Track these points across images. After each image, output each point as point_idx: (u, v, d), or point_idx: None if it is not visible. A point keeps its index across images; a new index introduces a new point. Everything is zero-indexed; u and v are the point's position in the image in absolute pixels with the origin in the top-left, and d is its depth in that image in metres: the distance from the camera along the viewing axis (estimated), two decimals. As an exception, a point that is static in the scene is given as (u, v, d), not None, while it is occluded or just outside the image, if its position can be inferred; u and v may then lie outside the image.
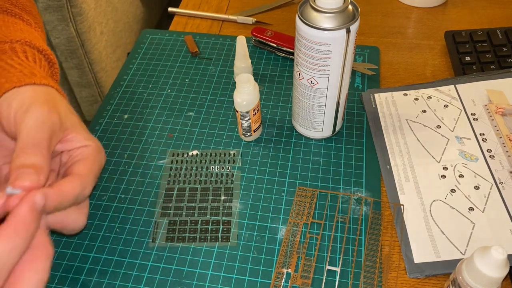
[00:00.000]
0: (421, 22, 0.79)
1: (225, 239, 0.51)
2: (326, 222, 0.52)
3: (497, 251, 0.36)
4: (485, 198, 0.52)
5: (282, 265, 0.48)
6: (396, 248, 0.50)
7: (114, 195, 0.55)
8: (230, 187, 0.55)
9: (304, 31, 0.49)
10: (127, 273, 0.48)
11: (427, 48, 0.74)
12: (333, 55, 0.50)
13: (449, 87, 0.64)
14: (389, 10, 0.82)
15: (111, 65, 1.45)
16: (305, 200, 0.54)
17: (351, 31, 0.49)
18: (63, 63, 1.35)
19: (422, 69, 0.70)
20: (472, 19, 0.79)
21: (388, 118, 0.61)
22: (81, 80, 1.39)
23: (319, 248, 0.50)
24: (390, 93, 0.64)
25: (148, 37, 0.76)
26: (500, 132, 0.57)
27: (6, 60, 0.45)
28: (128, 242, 0.51)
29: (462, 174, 0.54)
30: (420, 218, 0.51)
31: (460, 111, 0.61)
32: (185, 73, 0.70)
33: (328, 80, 0.52)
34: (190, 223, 0.52)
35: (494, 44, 0.69)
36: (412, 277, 0.48)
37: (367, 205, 0.53)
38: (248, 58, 0.65)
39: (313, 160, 0.58)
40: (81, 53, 1.31)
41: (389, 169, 0.56)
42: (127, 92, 0.68)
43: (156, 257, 0.49)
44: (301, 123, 0.59)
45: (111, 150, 0.60)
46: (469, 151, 0.56)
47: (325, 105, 0.55)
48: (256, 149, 0.59)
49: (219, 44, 0.75)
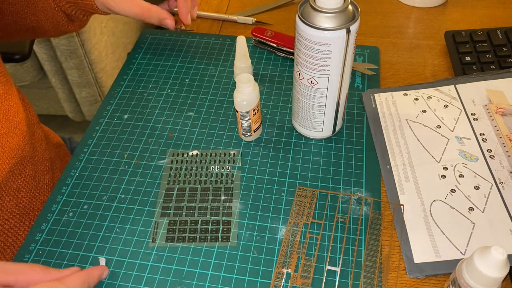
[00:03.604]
0: (421, 22, 0.79)
1: (225, 239, 0.51)
2: (326, 222, 0.52)
3: (497, 251, 0.36)
4: (485, 198, 0.52)
5: (282, 265, 0.48)
6: (396, 248, 0.50)
7: (114, 195, 0.55)
8: (230, 187, 0.55)
9: (304, 31, 0.49)
10: (127, 273, 0.48)
11: (427, 48, 0.74)
12: (333, 55, 0.50)
13: (449, 87, 0.64)
14: (389, 10, 0.82)
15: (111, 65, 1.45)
16: (305, 200, 0.54)
17: (351, 31, 0.49)
18: (63, 63, 1.35)
19: (422, 69, 0.70)
20: (472, 19, 0.79)
21: (388, 118, 0.61)
22: (81, 80, 1.39)
23: (319, 248, 0.50)
24: (390, 93, 0.64)
25: (148, 37, 0.76)
26: (500, 132, 0.57)
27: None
28: (128, 242, 0.51)
29: (462, 174, 0.54)
30: (420, 218, 0.51)
31: (460, 111, 0.61)
32: (185, 73, 0.70)
33: (328, 80, 0.52)
34: (190, 223, 0.52)
35: (494, 44, 0.69)
36: (412, 277, 0.48)
37: (367, 205, 0.53)
38: (248, 58, 0.65)
39: (313, 160, 0.58)
40: (81, 53, 1.32)
41: (389, 169, 0.56)
42: (127, 92, 0.68)
43: (156, 257, 0.49)
44: (301, 123, 0.59)
45: (111, 150, 0.60)
46: (469, 151, 0.56)
47: (325, 105, 0.55)
48: (256, 149, 0.59)
49: (219, 44, 0.75)
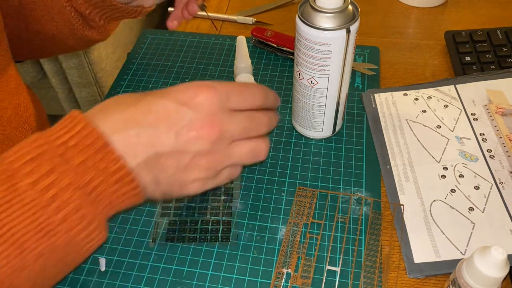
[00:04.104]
0: (421, 22, 0.79)
1: (225, 239, 0.51)
2: (326, 222, 0.52)
3: (497, 251, 0.36)
4: (485, 198, 0.52)
5: (282, 265, 0.48)
6: (396, 248, 0.50)
7: (114, 195, 0.55)
8: (230, 187, 0.55)
9: (304, 31, 0.49)
10: (127, 273, 0.48)
11: (427, 48, 0.74)
12: (333, 55, 0.50)
13: (449, 87, 0.64)
14: (389, 10, 0.82)
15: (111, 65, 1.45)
16: (305, 200, 0.54)
17: (351, 31, 0.49)
18: (63, 63, 1.35)
19: (422, 69, 0.70)
20: (472, 19, 0.79)
21: (388, 118, 0.61)
22: (81, 80, 1.39)
23: (319, 248, 0.50)
24: (390, 93, 0.64)
25: (148, 37, 0.76)
26: (500, 132, 0.57)
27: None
28: (128, 242, 0.51)
29: (462, 174, 0.54)
30: (420, 218, 0.51)
31: (460, 111, 0.61)
32: (185, 73, 0.70)
33: (328, 80, 0.52)
34: (190, 223, 0.52)
35: (494, 44, 0.69)
36: (412, 277, 0.48)
37: (367, 205, 0.53)
38: (248, 58, 0.65)
39: (313, 160, 0.58)
40: (81, 53, 1.32)
41: (389, 169, 0.56)
42: (127, 92, 0.67)
43: (156, 257, 0.49)
44: (301, 123, 0.59)
45: (111, 150, 0.60)
46: (469, 151, 0.56)
47: (325, 105, 0.55)
48: (256, 149, 0.59)
49: (219, 44, 0.75)
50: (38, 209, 0.35)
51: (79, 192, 0.37)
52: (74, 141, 0.37)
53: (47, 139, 0.37)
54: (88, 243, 0.38)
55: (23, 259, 0.35)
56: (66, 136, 0.38)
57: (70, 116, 0.38)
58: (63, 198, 0.36)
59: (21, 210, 0.35)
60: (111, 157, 0.38)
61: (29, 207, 0.35)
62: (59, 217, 0.36)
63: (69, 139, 0.37)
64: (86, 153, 0.37)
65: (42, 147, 0.37)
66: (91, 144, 0.38)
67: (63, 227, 0.36)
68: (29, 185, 0.35)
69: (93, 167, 0.37)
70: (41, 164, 0.36)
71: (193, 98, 0.41)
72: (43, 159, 0.36)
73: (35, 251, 0.35)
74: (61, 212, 0.36)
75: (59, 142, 0.37)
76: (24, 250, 0.35)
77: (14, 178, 0.35)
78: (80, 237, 0.37)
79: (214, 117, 0.41)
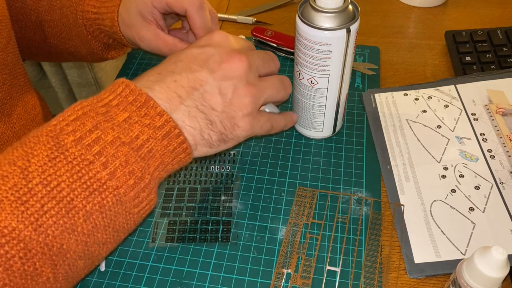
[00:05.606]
0: (421, 22, 0.79)
1: (225, 239, 0.50)
2: (326, 222, 0.52)
3: (498, 251, 0.36)
4: (485, 198, 0.52)
5: (282, 265, 0.48)
6: (396, 248, 0.50)
7: (114, 195, 0.55)
8: (230, 187, 0.55)
9: (304, 31, 0.49)
10: (127, 273, 0.48)
11: (427, 48, 0.74)
12: (333, 55, 0.50)
13: (449, 87, 0.64)
14: (389, 10, 0.82)
15: (111, 65, 1.45)
16: (305, 200, 0.54)
17: (351, 31, 0.49)
18: (63, 63, 1.35)
19: (422, 69, 0.70)
20: (472, 19, 0.79)
21: (388, 118, 0.61)
22: (81, 80, 1.39)
23: (319, 248, 0.50)
24: (390, 93, 0.64)
25: (148, 37, 0.76)
26: (500, 132, 0.57)
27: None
28: (128, 242, 0.51)
29: (462, 174, 0.54)
30: (420, 218, 0.51)
31: (461, 111, 0.61)
32: (185, 73, 0.70)
33: (328, 80, 0.52)
34: (190, 223, 0.52)
35: (494, 44, 0.69)
36: (412, 277, 0.47)
37: (367, 205, 0.53)
38: (248, 58, 0.65)
39: (313, 160, 0.58)
40: (81, 53, 1.31)
41: (389, 169, 0.56)
42: (127, 92, 0.68)
43: (156, 257, 0.49)
44: (301, 123, 0.59)
45: (111, 150, 0.60)
46: (470, 151, 0.56)
47: (325, 105, 0.55)
48: (256, 149, 0.59)
49: (219, 44, 0.75)
50: (84, 165, 0.35)
51: (126, 148, 0.36)
52: (116, 100, 0.38)
53: (90, 102, 0.38)
54: (136, 206, 0.37)
55: (71, 218, 0.34)
56: (109, 97, 0.38)
57: (113, 83, 0.40)
58: (109, 153, 0.36)
59: (66, 167, 0.34)
60: (155, 111, 0.38)
61: (75, 163, 0.34)
62: (107, 173, 0.35)
63: (111, 100, 0.38)
64: (130, 110, 0.38)
65: (85, 108, 0.37)
66: (133, 101, 0.38)
67: (111, 184, 0.35)
68: (73, 141, 0.35)
69: (138, 123, 0.38)
70: (84, 123, 0.36)
71: (211, 39, 0.46)
72: (86, 118, 0.36)
73: (83, 210, 0.34)
74: (108, 168, 0.35)
75: (102, 103, 0.38)
76: (72, 209, 0.34)
77: (58, 137, 0.35)
78: (129, 196, 0.36)
79: (237, 50, 0.45)
